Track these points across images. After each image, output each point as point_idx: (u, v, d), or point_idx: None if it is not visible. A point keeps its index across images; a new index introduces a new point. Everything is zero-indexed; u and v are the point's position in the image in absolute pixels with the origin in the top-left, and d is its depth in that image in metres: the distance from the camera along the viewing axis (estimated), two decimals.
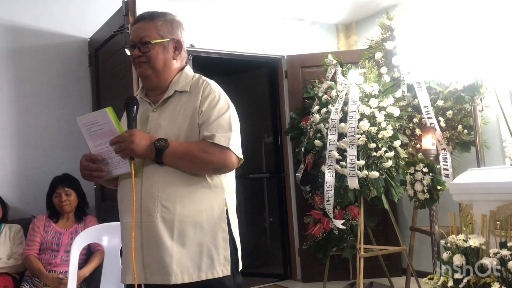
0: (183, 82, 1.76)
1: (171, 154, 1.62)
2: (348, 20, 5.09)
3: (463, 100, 3.46)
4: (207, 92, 1.71)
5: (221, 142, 1.62)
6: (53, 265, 2.98)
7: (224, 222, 1.68)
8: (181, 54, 1.81)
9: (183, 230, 1.62)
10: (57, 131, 3.75)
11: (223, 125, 1.66)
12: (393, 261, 4.44)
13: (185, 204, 1.63)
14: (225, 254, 1.66)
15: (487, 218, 2.53)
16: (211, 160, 1.62)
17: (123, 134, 1.62)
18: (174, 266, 1.59)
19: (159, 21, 1.76)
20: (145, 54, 1.72)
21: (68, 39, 3.83)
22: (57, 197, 3.16)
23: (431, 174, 3.22)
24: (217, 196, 1.69)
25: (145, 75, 1.76)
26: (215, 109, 1.68)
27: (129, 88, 3.21)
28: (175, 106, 1.73)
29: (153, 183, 1.65)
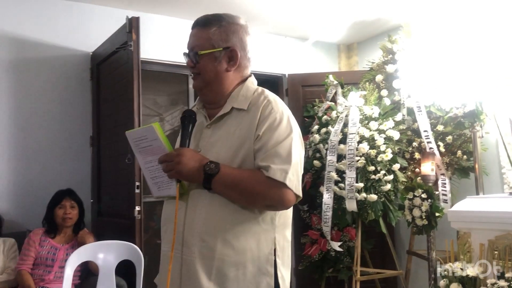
0: (242, 98, 1.55)
1: (221, 182, 1.42)
2: (349, 41, 5.12)
3: (463, 125, 3.46)
4: (267, 113, 1.48)
5: (277, 176, 1.40)
6: (46, 281, 2.95)
7: (271, 265, 1.47)
8: (238, 64, 1.58)
9: (223, 270, 1.42)
10: (55, 144, 3.74)
11: (281, 155, 1.42)
12: (389, 284, 4.40)
13: (228, 240, 1.43)
14: None
15: (485, 247, 2.52)
16: (264, 195, 1.42)
17: (171, 153, 1.46)
18: None
19: (213, 28, 1.55)
20: (196, 66, 1.56)
21: (70, 52, 3.84)
22: (62, 208, 3.14)
23: (430, 201, 3.21)
24: (265, 233, 1.48)
25: (197, 88, 1.60)
26: (274, 134, 1.45)
27: (130, 102, 3.22)
28: (230, 125, 1.52)
29: (195, 212, 1.47)
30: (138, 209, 3.08)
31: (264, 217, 1.48)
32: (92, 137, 3.85)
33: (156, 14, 4.18)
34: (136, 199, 3.10)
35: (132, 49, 3.19)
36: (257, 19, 4.41)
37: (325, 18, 4.45)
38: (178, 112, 5.31)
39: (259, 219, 1.47)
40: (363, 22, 4.58)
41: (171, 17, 4.26)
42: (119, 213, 3.39)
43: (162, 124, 5.44)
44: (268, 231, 1.48)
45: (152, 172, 1.55)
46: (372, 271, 3.90)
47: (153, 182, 1.56)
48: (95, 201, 3.75)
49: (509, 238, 2.44)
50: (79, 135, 3.83)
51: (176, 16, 4.28)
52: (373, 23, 4.60)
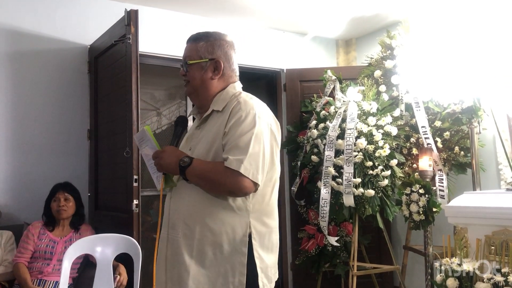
0: (221, 101, 1.78)
1: (192, 173, 1.67)
2: (348, 36, 5.12)
3: (460, 122, 3.47)
4: (234, 111, 1.69)
5: (233, 166, 1.60)
6: (45, 273, 2.95)
7: (244, 246, 1.66)
8: (222, 74, 1.82)
9: (202, 249, 1.66)
10: (53, 137, 3.72)
11: (240, 147, 1.62)
12: (386, 279, 4.43)
13: (206, 224, 1.66)
14: (240, 278, 1.65)
15: (482, 242, 2.54)
16: (223, 183, 1.63)
17: (158, 150, 1.78)
18: (190, 281, 1.64)
19: (201, 42, 1.82)
20: (187, 74, 1.82)
21: (68, 45, 3.82)
22: (56, 201, 3.14)
23: (427, 196, 3.22)
24: (240, 218, 1.67)
25: (188, 94, 1.87)
26: (238, 129, 1.65)
27: (128, 95, 3.21)
28: (210, 125, 1.77)
29: (179, 200, 1.74)
30: (136, 202, 3.08)
31: (238, 205, 1.68)
32: (90, 130, 3.83)
33: (154, 7, 4.16)
34: (134, 192, 3.09)
35: (130, 42, 3.17)
36: (255, 13, 4.40)
37: (324, 13, 4.45)
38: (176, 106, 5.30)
39: (233, 206, 1.67)
40: (361, 18, 4.58)
41: (169, 10, 4.25)
42: (116, 207, 3.39)
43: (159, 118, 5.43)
44: (243, 217, 1.68)
45: (152, 168, 1.84)
46: (368, 266, 3.92)
47: (154, 176, 1.85)
48: (93, 195, 3.75)
49: (505, 233, 2.46)
50: (76, 128, 3.82)
51: (175, 10, 4.26)
52: (372, 19, 4.60)
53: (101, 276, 2.77)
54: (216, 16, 4.45)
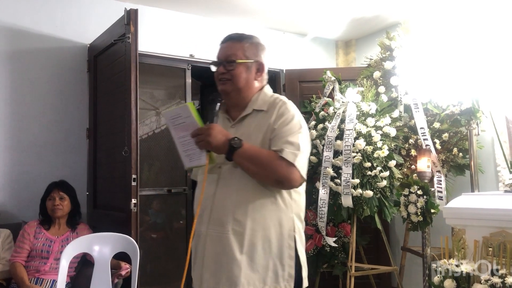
0: (261, 101, 1.85)
1: (242, 154, 1.69)
2: (348, 37, 5.12)
3: (459, 123, 3.47)
4: (281, 111, 1.78)
5: (288, 157, 1.68)
6: (42, 272, 2.94)
7: (291, 240, 1.75)
8: (262, 75, 1.90)
9: (253, 244, 1.70)
10: (52, 136, 3.72)
11: (292, 143, 1.71)
12: (384, 280, 4.43)
13: (256, 219, 1.71)
14: (290, 271, 1.73)
15: (480, 244, 2.54)
16: (276, 171, 1.69)
17: (203, 127, 1.72)
18: (242, 278, 1.68)
19: (246, 43, 1.87)
20: (229, 72, 1.83)
21: (68, 44, 3.82)
22: (51, 200, 3.13)
23: (426, 197, 3.23)
24: (285, 213, 1.76)
25: (226, 92, 1.86)
26: (287, 127, 1.74)
27: (127, 95, 3.21)
28: (251, 123, 1.83)
29: (226, 197, 1.74)
30: (134, 201, 3.08)
31: (284, 200, 1.76)
32: (89, 129, 3.83)
33: (154, 7, 4.16)
34: (132, 191, 3.09)
35: (130, 41, 3.18)
36: (255, 13, 4.40)
37: (324, 14, 4.45)
38: (175, 106, 5.29)
39: (279, 201, 1.75)
40: (361, 19, 4.58)
41: (169, 10, 4.25)
42: (115, 206, 3.39)
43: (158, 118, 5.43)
44: (287, 212, 1.76)
45: (185, 146, 1.81)
46: (366, 267, 3.92)
47: (186, 155, 1.82)
48: (91, 193, 3.74)
49: (503, 235, 2.46)
50: (75, 127, 3.82)
51: (175, 10, 4.26)
52: (372, 20, 4.60)
53: (98, 275, 2.77)
54: (216, 16, 4.45)
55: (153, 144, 4.52)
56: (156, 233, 4.50)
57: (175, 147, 1.86)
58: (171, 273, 4.45)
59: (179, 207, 4.54)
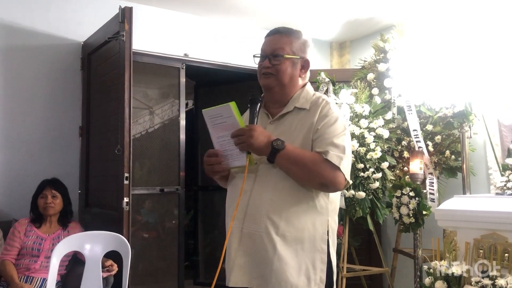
0: (303, 99, 1.80)
1: (285, 156, 1.65)
2: (342, 39, 5.14)
3: (452, 126, 3.49)
4: (325, 112, 1.74)
5: (334, 160, 1.64)
6: (32, 270, 2.92)
7: (324, 243, 1.71)
8: (306, 73, 1.86)
9: (285, 245, 1.66)
10: (44, 133, 3.70)
11: (337, 145, 1.67)
12: (375, 281, 4.45)
13: (290, 220, 1.67)
14: (321, 275, 1.69)
15: (471, 246, 2.55)
16: (321, 174, 1.65)
17: (244, 128, 1.68)
18: (273, 278, 1.65)
19: (294, 38, 1.82)
20: (274, 67, 1.77)
21: (62, 41, 3.80)
22: (43, 198, 3.11)
23: (418, 199, 3.24)
24: (321, 216, 1.72)
25: (269, 87, 1.81)
26: (331, 128, 1.70)
27: (121, 93, 3.20)
28: (292, 121, 1.77)
29: (261, 195, 1.70)
30: (127, 200, 3.07)
31: (320, 201, 1.71)
32: (82, 127, 3.81)
33: (149, 5, 4.15)
34: (124, 190, 3.08)
35: (124, 39, 3.16)
36: (249, 14, 4.41)
37: (318, 15, 4.46)
38: (169, 105, 5.28)
39: (316, 203, 1.71)
40: (356, 21, 4.60)
41: (164, 8, 4.24)
42: (107, 204, 3.38)
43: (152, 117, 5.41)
44: (322, 215, 1.72)
45: (224, 146, 1.76)
46: (358, 268, 3.93)
47: (224, 155, 1.77)
48: (83, 192, 3.73)
49: (494, 237, 2.48)
50: (68, 125, 3.80)
51: (170, 8, 4.25)
52: (366, 22, 4.62)
53: (89, 274, 2.75)
54: (211, 16, 4.44)
55: (146, 143, 4.50)
56: (148, 232, 4.48)
57: (168, 147, 1.84)
58: (163, 273, 4.43)
59: (171, 207, 4.52)
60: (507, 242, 2.42)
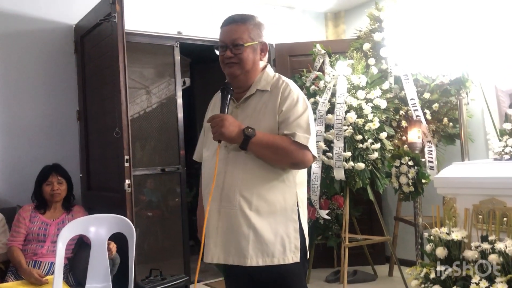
0: (264, 82, 1.88)
1: (257, 143, 1.76)
2: (337, 9, 5.07)
3: (449, 93, 3.49)
4: (287, 93, 1.83)
5: (301, 141, 1.76)
6: (39, 255, 2.97)
7: (295, 214, 1.82)
8: (265, 55, 1.93)
9: (259, 219, 1.77)
10: (41, 119, 3.70)
11: (302, 125, 1.79)
12: (377, 249, 4.52)
13: (262, 195, 1.78)
14: (296, 243, 1.80)
15: (470, 212, 2.59)
16: (291, 155, 1.77)
17: (215, 116, 1.78)
18: (250, 250, 1.76)
19: (250, 24, 1.87)
20: (236, 56, 1.84)
21: (53, 25, 3.76)
22: (49, 185, 3.13)
23: (416, 168, 3.26)
24: (289, 189, 1.83)
25: (234, 75, 1.87)
26: (295, 109, 1.80)
27: (116, 75, 3.18)
28: (256, 103, 1.87)
29: (233, 175, 1.80)
30: (128, 182, 3.09)
31: (287, 176, 1.83)
32: (79, 111, 3.81)
33: None
34: (125, 172, 3.09)
35: (116, 20, 3.12)
36: None
37: None
38: (165, 84, 5.26)
39: (284, 178, 1.82)
40: None
41: None
42: (109, 187, 3.40)
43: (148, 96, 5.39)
44: (291, 188, 1.83)
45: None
46: (360, 238, 3.99)
47: None
48: (84, 175, 3.75)
49: (493, 202, 2.50)
50: (65, 110, 3.79)
51: None
52: None
53: (96, 256, 2.79)
54: None
55: (145, 123, 4.50)
56: (152, 211, 4.53)
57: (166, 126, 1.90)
58: (168, 250, 4.50)
59: (174, 185, 4.56)
60: (505, 206, 2.44)
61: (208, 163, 1.92)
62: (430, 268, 2.60)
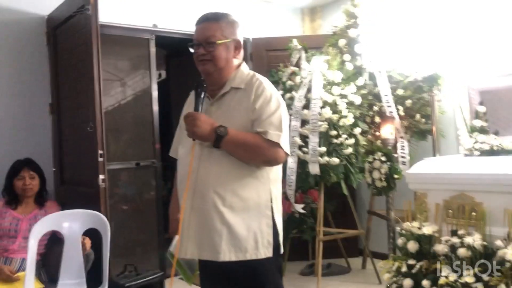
0: (239, 79, 1.90)
1: (229, 141, 1.78)
2: (313, 4, 5.09)
3: (422, 90, 3.56)
4: (260, 91, 1.85)
5: (273, 139, 1.79)
6: (11, 251, 2.91)
7: (268, 210, 1.85)
8: (240, 52, 1.95)
9: (233, 214, 1.80)
10: (13, 112, 3.61)
11: (275, 123, 1.81)
12: (351, 243, 4.58)
13: (235, 191, 1.81)
14: (268, 238, 1.83)
15: (441, 207, 2.66)
16: (263, 153, 1.80)
17: (188, 115, 1.80)
18: (223, 245, 1.78)
19: (223, 23, 1.89)
20: (209, 53, 1.86)
21: (24, 15, 3.66)
22: (21, 179, 3.07)
23: (389, 163, 3.33)
24: (263, 186, 1.85)
25: (208, 72, 1.89)
26: (267, 107, 1.83)
27: (89, 69, 3.13)
28: (230, 101, 1.89)
29: (207, 172, 1.83)
30: (102, 177, 3.05)
31: (261, 172, 1.85)
32: (52, 104, 3.74)
33: None
34: (99, 167, 3.06)
35: (90, 13, 3.07)
36: None
37: None
38: (140, 76, 5.20)
39: (257, 174, 1.84)
40: None
41: None
42: (83, 182, 3.35)
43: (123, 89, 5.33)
44: (265, 184, 1.85)
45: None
46: (334, 231, 4.05)
47: None
48: (58, 170, 3.69)
49: (462, 198, 2.58)
50: (37, 103, 3.71)
51: None
52: None
53: (69, 252, 2.76)
54: None
55: (119, 116, 4.44)
56: (127, 204, 4.49)
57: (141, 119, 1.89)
58: (142, 245, 4.47)
59: (149, 179, 4.52)
60: (474, 201, 2.52)
61: (183, 160, 1.93)
62: (402, 262, 2.67)
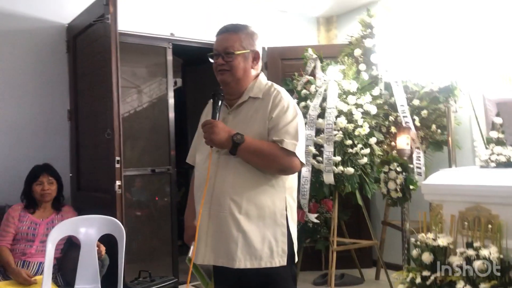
0: (257, 89, 1.94)
1: (245, 149, 1.81)
2: (329, 13, 5.11)
3: (438, 100, 3.54)
4: (277, 100, 1.89)
5: (289, 147, 1.81)
6: (28, 255, 2.96)
7: (284, 218, 1.87)
8: (258, 63, 1.98)
9: (248, 222, 1.83)
10: (32, 118, 3.68)
11: (291, 132, 1.84)
12: (365, 253, 4.56)
13: (251, 200, 1.84)
14: (283, 247, 1.85)
15: (456, 218, 2.63)
16: (279, 161, 1.83)
17: (206, 122, 1.85)
18: (239, 253, 1.81)
19: (242, 34, 1.94)
20: (228, 63, 1.90)
21: (45, 24, 3.75)
22: (40, 184, 3.12)
23: (405, 174, 3.31)
24: (279, 194, 1.88)
25: (226, 82, 1.93)
26: (284, 116, 1.86)
27: (108, 76, 3.18)
28: (248, 110, 1.93)
29: (223, 179, 1.86)
30: (119, 183, 3.09)
31: (277, 181, 1.88)
32: (70, 110, 3.80)
33: None
34: (116, 173, 3.10)
35: (109, 22, 3.12)
36: None
37: None
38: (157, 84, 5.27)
39: (273, 183, 1.87)
40: None
41: None
42: (99, 187, 3.40)
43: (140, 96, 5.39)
44: (280, 192, 1.88)
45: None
46: (348, 242, 4.03)
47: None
48: (75, 175, 3.74)
49: (478, 209, 2.55)
50: (56, 109, 3.78)
51: None
52: None
53: (85, 257, 2.79)
54: None
55: (135, 123, 4.50)
56: (141, 211, 4.53)
57: (157, 126, 1.93)
58: (156, 250, 4.50)
59: (163, 186, 4.56)
60: (490, 214, 2.49)
61: (200, 166, 1.97)
62: (416, 273, 2.65)
